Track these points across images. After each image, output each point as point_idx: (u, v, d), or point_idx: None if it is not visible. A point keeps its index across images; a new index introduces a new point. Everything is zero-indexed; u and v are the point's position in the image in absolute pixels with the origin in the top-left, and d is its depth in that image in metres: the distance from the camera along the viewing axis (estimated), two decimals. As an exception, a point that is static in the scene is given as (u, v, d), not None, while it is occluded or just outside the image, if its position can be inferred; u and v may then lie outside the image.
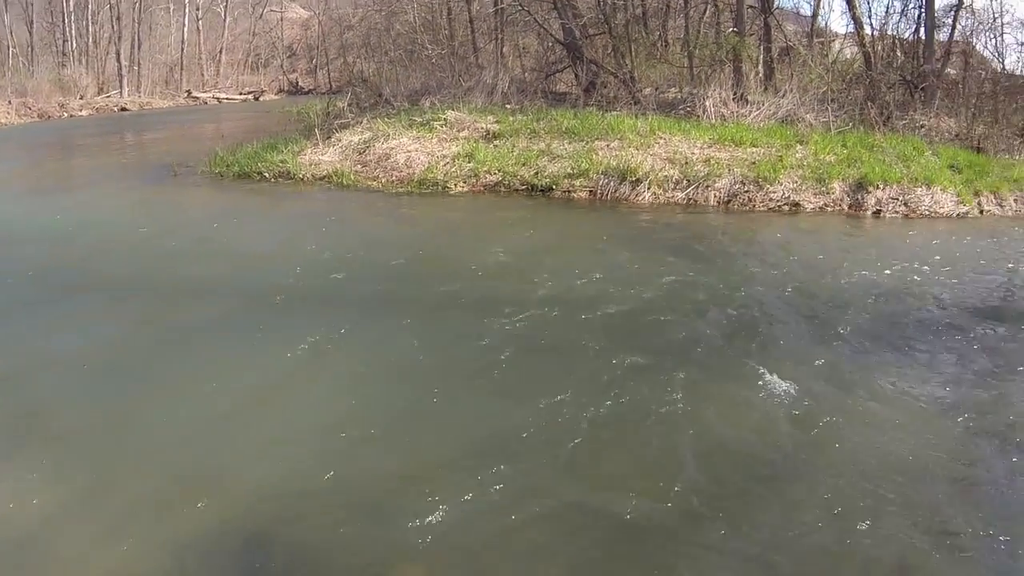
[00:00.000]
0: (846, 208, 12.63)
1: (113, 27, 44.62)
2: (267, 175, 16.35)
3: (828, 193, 12.76)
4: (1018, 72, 20.00)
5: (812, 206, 12.64)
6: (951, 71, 19.31)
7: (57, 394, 6.62)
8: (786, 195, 12.79)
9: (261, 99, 42.57)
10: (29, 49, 44.77)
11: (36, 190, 17.33)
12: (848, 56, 21.19)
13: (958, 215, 12.40)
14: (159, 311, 8.40)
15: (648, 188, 13.23)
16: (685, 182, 13.25)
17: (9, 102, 35.61)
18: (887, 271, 9.31)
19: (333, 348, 7.30)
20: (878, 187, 12.71)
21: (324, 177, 15.92)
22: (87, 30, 44.90)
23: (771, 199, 12.78)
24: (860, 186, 12.77)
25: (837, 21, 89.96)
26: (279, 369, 6.92)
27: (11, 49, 43.86)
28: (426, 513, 4.84)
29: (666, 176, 13.39)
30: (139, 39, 45.00)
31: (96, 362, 7.22)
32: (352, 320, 7.92)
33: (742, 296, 8.45)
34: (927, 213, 12.39)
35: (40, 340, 7.74)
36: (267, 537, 4.75)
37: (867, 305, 8.21)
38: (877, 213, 12.47)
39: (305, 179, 15.98)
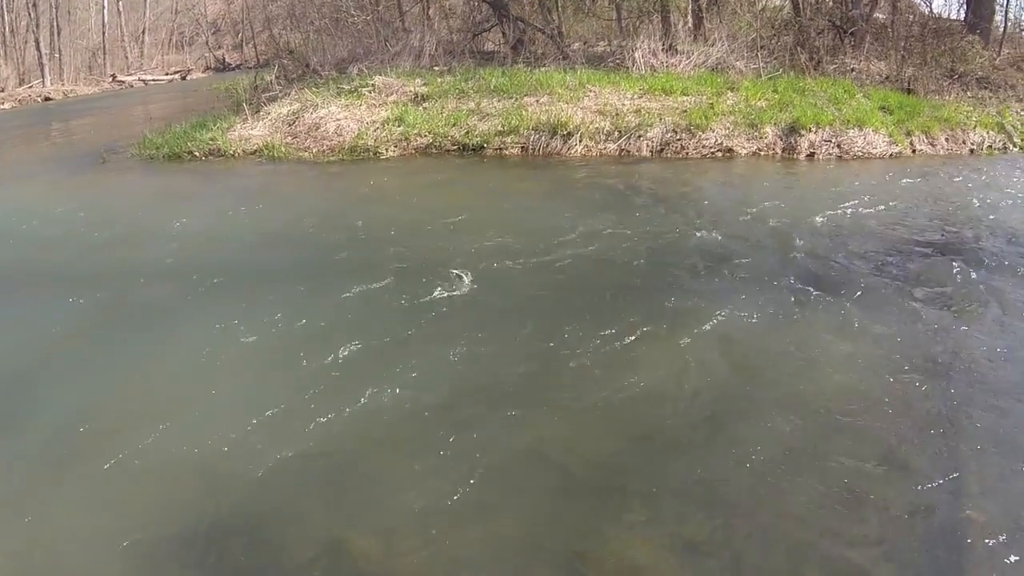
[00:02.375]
0: (780, 152, 12.62)
1: (30, 14, 43.26)
2: (197, 154, 15.98)
3: (761, 138, 12.74)
4: (945, 15, 20.17)
5: (746, 151, 12.62)
6: (879, 15, 19.39)
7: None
8: (719, 141, 12.75)
9: (188, 78, 41.64)
10: (-58, 43, 43.48)
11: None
12: (777, 3, 21.21)
13: (891, 155, 12.44)
14: (93, 300, 8.09)
15: (580, 141, 13.13)
16: (617, 133, 13.16)
17: (-75, 100, 34.58)
18: (822, 212, 9.26)
19: (272, 324, 7.10)
20: (811, 130, 12.71)
21: (255, 151, 15.62)
22: (3, 19, 43.50)
23: (704, 146, 12.73)
24: (792, 130, 12.76)
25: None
26: (220, 350, 6.72)
27: (-76, 44, 42.59)
28: (379, 484, 4.80)
29: (597, 128, 13.29)
30: (58, 25, 43.71)
31: (28, 356, 6.95)
32: (292, 294, 7.74)
33: (678, 242, 8.38)
34: (860, 154, 12.43)
35: None
36: (222, 515, 4.66)
37: (804, 246, 8.17)
38: (811, 156, 12.47)
39: (236, 155, 15.65)
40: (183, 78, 41.72)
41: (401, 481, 4.77)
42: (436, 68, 18.58)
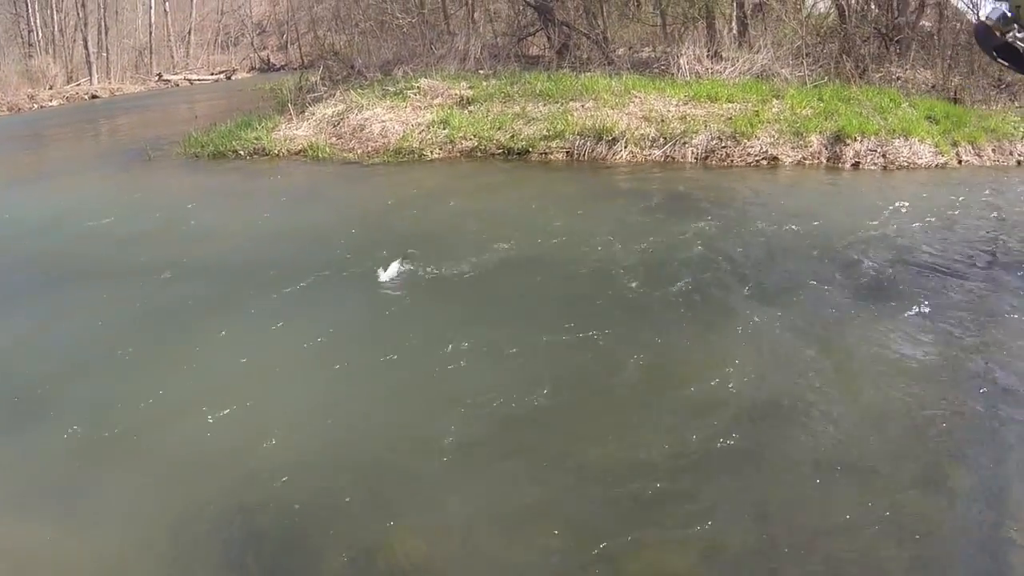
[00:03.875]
0: (824, 161, 12.57)
1: (79, 14, 44.22)
2: (242, 153, 16.35)
3: (806, 147, 12.71)
4: (992, 23, 19.87)
5: (790, 160, 12.59)
6: (926, 23, 19.22)
7: (48, 378, 6.62)
8: (764, 150, 12.75)
9: (233, 78, 42.18)
10: (-6, 41, 44.48)
11: (11, 182, 17.23)
12: (822, 10, 21.03)
13: (937, 165, 12.35)
14: (140, 294, 8.39)
15: (625, 147, 13.21)
16: (662, 140, 13.21)
17: (-25, 98, 35.39)
18: (867, 222, 9.25)
19: (316, 321, 7.29)
20: (856, 139, 12.67)
21: (299, 152, 15.95)
22: (52, 19, 44.49)
23: (749, 154, 12.73)
24: (838, 139, 12.72)
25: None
26: (266, 346, 6.92)
27: (-25, 43, 43.59)
28: (424, 486, 4.86)
29: (643, 134, 13.35)
30: (106, 25, 44.55)
31: (82, 347, 7.23)
32: (336, 293, 7.94)
33: (722, 250, 8.43)
34: (906, 164, 12.32)
35: (22, 327, 7.79)
36: (265, 512, 4.80)
37: (848, 257, 8.18)
38: (856, 165, 12.41)
39: (280, 154, 16.02)
40: (228, 78, 42.26)
41: (445, 483, 4.87)
42: (481, 72, 18.71)
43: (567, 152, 13.56)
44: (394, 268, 8.07)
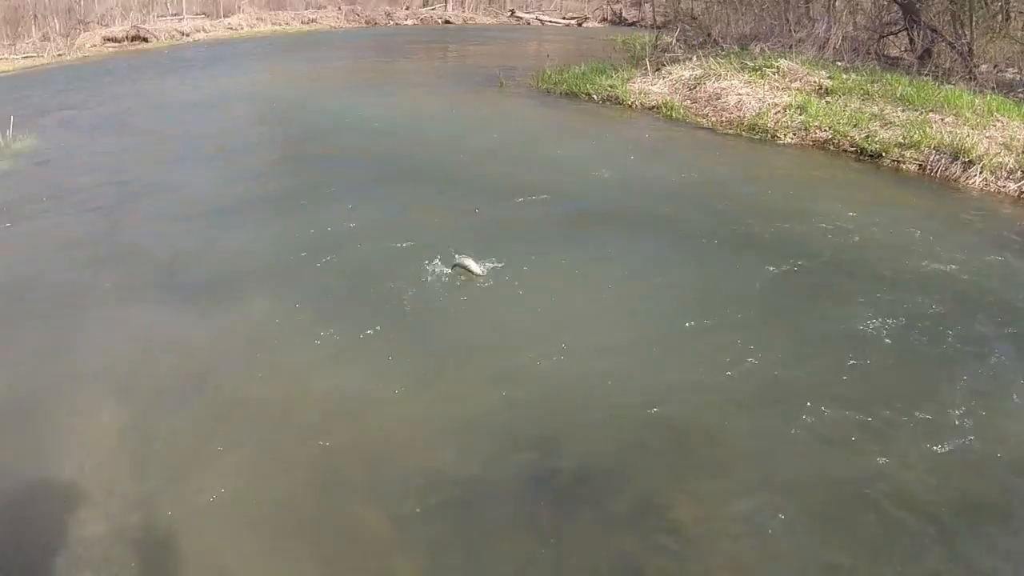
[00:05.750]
0: None
1: (442, -56, 47.43)
2: (595, 97, 17.78)
3: None
4: None
5: None
6: None
7: (379, 266, 8.14)
8: None
9: (584, 26, 43.87)
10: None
11: (363, 85, 19.57)
12: None
13: None
14: (477, 207, 9.89)
15: (980, 172, 12.70)
16: (1020, 173, 12.58)
17: (339, 8, 39.54)
18: None
19: (636, 267, 8.22)
20: None
21: (652, 107, 17.12)
22: (415, -54, 48.04)
23: (1112, 204, 12.01)
24: None
25: None
26: (595, 279, 7.86)
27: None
28: (713, 453, 5.26)
29: (1000, 163, 12.79)
30: (465, -44, 47.47)
31: (407, 235, 8.77)
32: (670, 247, 8.86)
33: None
34: None
35: (367, 212, 9.61)
36: (554, 440, 5.33)
37: None
38: None
39: (633, 106, 17.21)
40: (579, 24, 44.17)
41: (732, 455, 5.23)
42: (839, 63, 18.96)
43: (920, 165, 13.35)
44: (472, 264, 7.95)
